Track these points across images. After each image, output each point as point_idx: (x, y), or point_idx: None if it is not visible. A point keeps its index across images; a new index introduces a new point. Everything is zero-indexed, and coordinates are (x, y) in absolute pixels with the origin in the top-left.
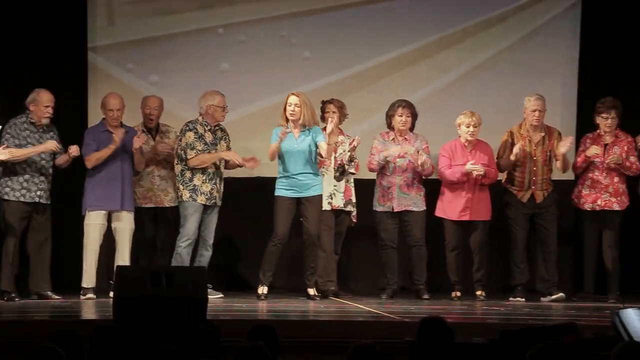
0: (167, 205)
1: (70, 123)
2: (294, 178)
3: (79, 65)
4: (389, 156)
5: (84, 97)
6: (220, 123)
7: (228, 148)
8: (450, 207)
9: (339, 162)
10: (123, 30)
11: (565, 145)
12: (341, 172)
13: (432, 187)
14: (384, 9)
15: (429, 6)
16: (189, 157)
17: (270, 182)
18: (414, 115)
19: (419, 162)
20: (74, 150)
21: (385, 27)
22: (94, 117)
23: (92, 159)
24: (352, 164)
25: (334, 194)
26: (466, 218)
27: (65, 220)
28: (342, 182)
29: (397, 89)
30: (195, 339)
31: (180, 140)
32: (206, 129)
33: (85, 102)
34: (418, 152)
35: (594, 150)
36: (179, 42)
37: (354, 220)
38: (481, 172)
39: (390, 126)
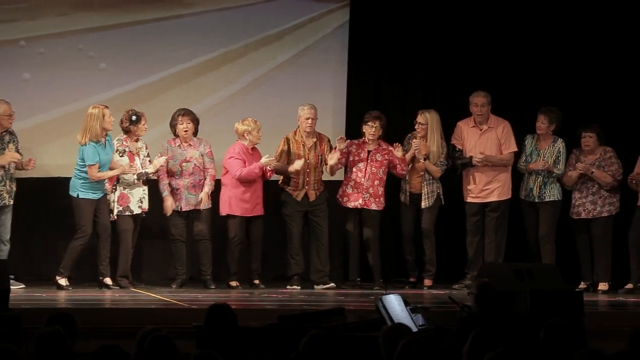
0: None
1: None
2: (99, 181)
3: None
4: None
5: None
6: (9, 128)
7: (17, 150)
8: (238, 203)
9: (143, 168)
10: None
11: (333, 158)
12: (146, 178)
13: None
14: (174, 26)
15: (214, 23)
16: None
17: (62, 182)
18: (195, 121)
19: (204, 203)
20: None
21: (175, 42)
22: None
23: None
24: (156, 174)
25: (144, 198)
26: (250, 214)
27: None
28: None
29: (186, 98)
30: None
31: None
32: None
33: None
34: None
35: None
36: None
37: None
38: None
39: (175, 134)
